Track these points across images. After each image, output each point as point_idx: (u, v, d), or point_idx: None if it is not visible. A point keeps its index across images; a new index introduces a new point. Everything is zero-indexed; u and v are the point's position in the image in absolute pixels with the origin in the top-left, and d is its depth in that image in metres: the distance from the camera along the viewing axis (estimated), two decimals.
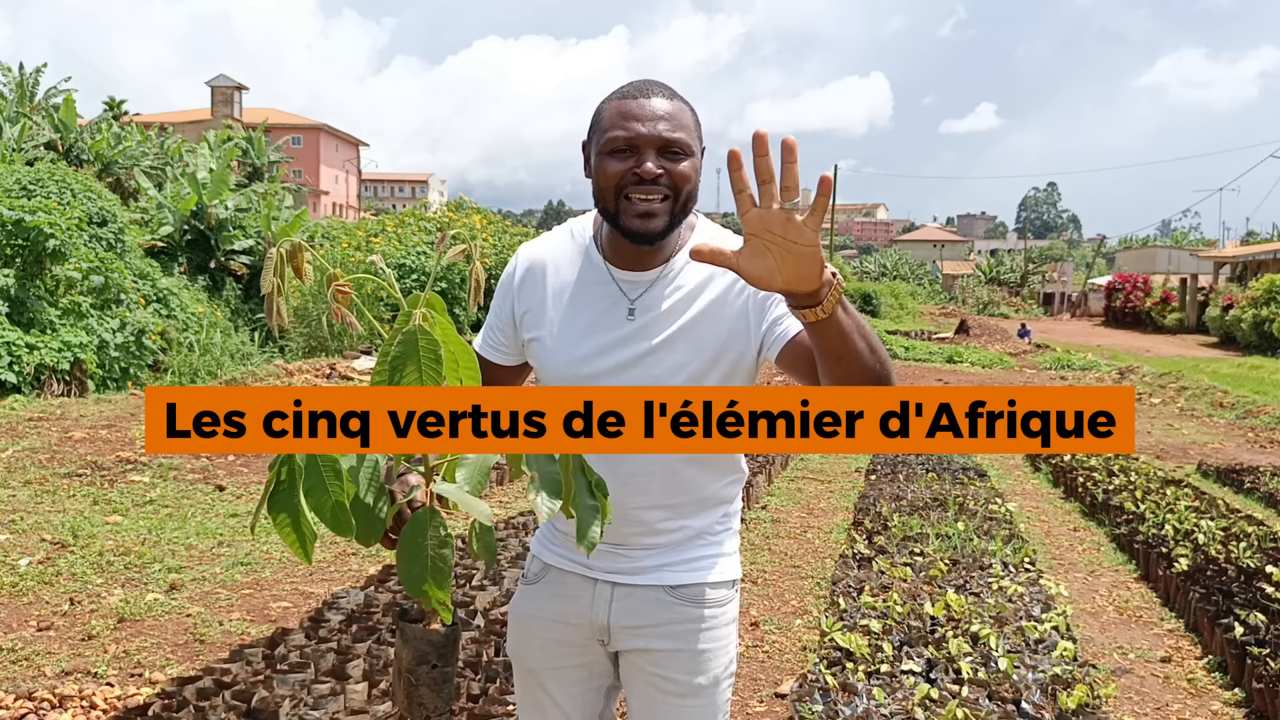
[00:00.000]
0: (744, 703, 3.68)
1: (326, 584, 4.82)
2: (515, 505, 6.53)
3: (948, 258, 79.30)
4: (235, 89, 48.16)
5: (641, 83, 1.60)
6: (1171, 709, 3.73)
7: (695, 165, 1.58)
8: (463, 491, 1.27)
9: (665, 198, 1.55)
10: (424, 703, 1.35)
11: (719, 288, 1.63)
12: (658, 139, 1.54)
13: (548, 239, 1.75)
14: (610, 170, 1.55)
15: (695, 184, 1.58)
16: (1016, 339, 27.81)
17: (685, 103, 1.60)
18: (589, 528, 1.29)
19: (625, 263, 1.65)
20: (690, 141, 1.56)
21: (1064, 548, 6.11)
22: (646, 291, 1.63)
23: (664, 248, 1.63)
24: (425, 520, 1.25)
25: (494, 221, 20.87)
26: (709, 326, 1.62)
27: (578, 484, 1.29)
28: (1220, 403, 13.91)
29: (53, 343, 10.76)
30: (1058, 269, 56.89)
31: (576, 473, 1.29)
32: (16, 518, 5.74)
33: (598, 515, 1.30)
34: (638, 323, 1.63)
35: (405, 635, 1.35)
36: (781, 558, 5.64)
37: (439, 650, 1.34)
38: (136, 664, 3.79)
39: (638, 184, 1.54)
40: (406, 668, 1.35)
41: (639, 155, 1.54)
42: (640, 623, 1.69)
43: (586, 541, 1.28)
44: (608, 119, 1.57)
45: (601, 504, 1.31)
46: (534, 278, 1.70)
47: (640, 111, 1.55)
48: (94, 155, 21.55)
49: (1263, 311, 24.29)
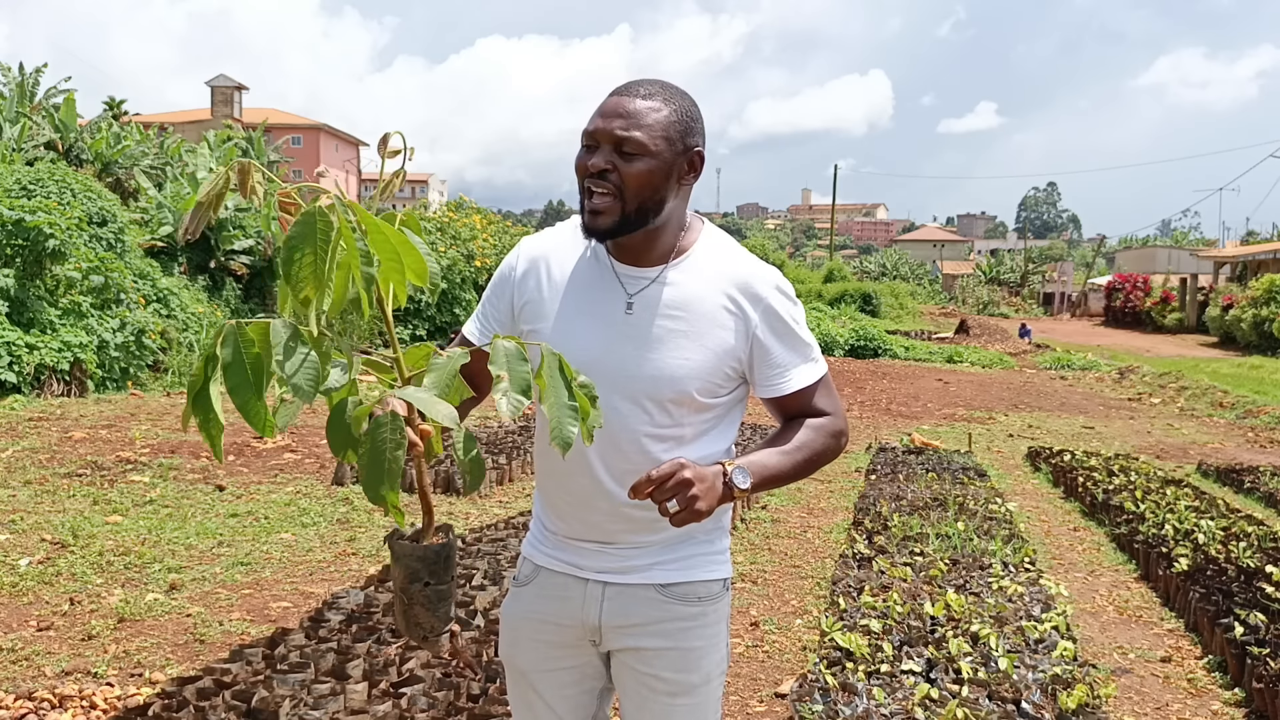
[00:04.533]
0: (744, 703, 3.68)
1: (326, 584, 4.82)
2: (515, 505, 6.53)
3: (948, 258, 79.26)
4: (235, 89, 48.17)
5: (633, 81, 1.63)
6: (1171, 709, 3.73)
7: (650, 167, 1.56)
8: (427, 394, 1.24)
9: (613, 195, 1.57)
10: (420, 622, 1.34)
11: (721, 293, 1.65)
12: (611, 135, 1.56)
13: (551, 232, 1.76)
14: (577, 162, 1.60)
15: (652, 185, 1.57)
16: (1017, 339, 27.81)
17: (670, 104, 1.59)
18: (564, 426, 1.26)
19: (628, 258, 1.66)
20: (646, 141, 1.56)
21: (1064, 548, 6.11)
22: (647, 288, 1.64)
23: (660, 244, 1.64)
24: (384, 423, 1.22)
25: (494, 221, 20.87)
26: (707, 330, 1.63)
27: (555, 382, 1.27)
28: (1220, 403, 13.92)
29: (53, 343, 10.75)
30: (1058, 269, 56.85)
31: (554, 372, 1.27)
32: (16, 518, 5.74)
33: (577, 416, 1.27)
34: (635, 317, 1.63)
35: (396, 553, 1.34)
36: (781, 558, 5.64)
37: (430, 566, 1.33)
38: (136, 664, 3.79)
39: (589, 177, 1.58)
40: (400, 587, 1.34)
41: (599, 150, 1.58)
42: (631, 622, 1.70)
43: (561, 440, 1.26)
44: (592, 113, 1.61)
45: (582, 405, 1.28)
46: (536, 270, 1.71)
47: (607, 108, 1.59)
48: (94, 155, 21.54)
49: (1263, 311, 24.28)
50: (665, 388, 1.62)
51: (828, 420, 1.70)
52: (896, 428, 11.11)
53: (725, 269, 1.66)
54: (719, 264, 1.66)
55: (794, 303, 1.69)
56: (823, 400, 1.71)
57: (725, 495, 1.54)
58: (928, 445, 9.45)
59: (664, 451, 1.64)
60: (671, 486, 1.47)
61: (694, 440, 1.67)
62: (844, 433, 1.73)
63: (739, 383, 1.70)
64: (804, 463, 1.66)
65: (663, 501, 1.48)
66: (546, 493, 1.76)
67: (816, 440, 1.67)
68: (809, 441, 1.67)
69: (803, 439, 1.67)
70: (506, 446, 7.84)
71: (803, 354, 1.69)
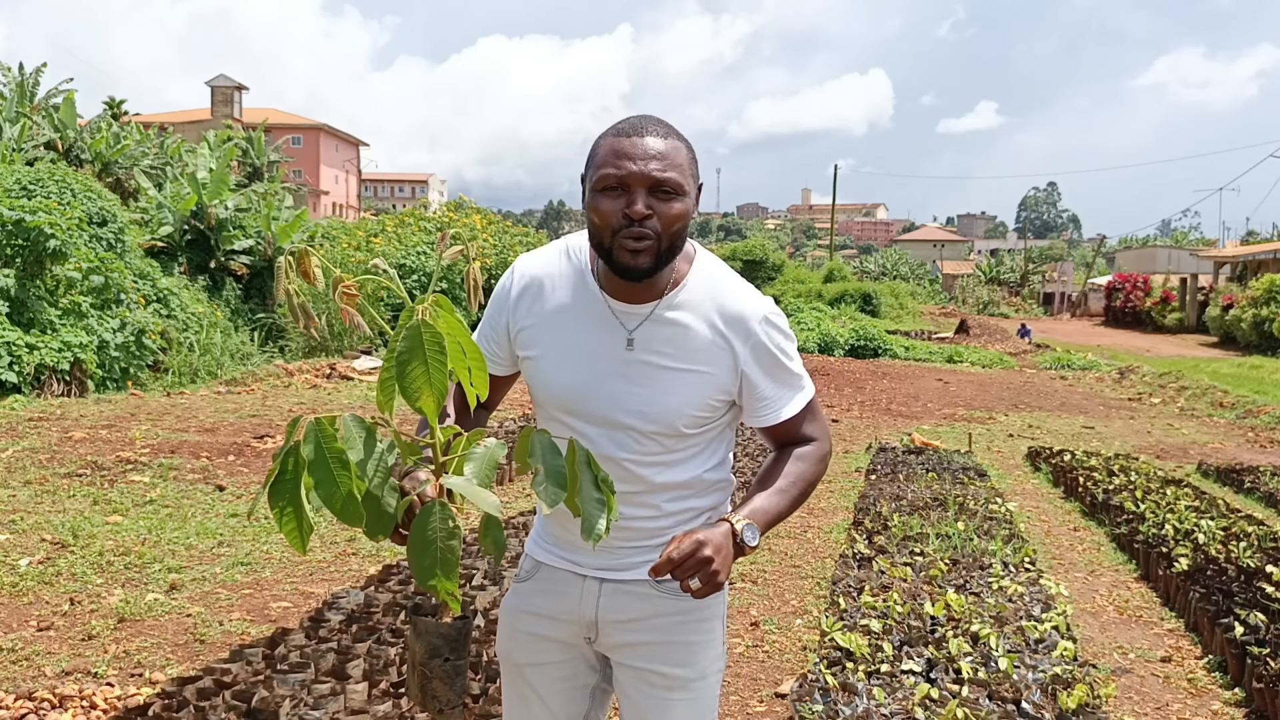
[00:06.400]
0: (744, 703, 3.68)
1: (326, 584, 4.82)
2: (515, 505, 6.53)
3: (948, 258, 79.26)
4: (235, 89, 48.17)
5: (637, 119, 1.61)
6: (1171, 709, 3.73)
7: (686, 205, 1.59)
8: (471, 484, 1.29)
9: (653, 237, 1.56)
10: (437, 695, 1.37)
11: (711, 327, 1.67)
12: (648, 179, 1.55)
13: (545, 256, 1.75)
14: (603, 209, 1.57)
15: (685, 223, 1.60)
16: (1016, 339, 27.79)
17: (681, 140, 1.61)
18: (595, 522, 1.33)
19: (622, 295, 1.66)
20: (682, 181, 1.57)
21: (1064, 547, 6.11)
22: (644, 324, 1.65)
23: (658, 281, 1.65)
24: (434, 512, 1.27)
25: (494, 221, 20.86)
26: (697, 366, 1.66)
27: (583, 478, 1.31)
28: (1220, 402, 13.91)
29: (53, 343, 10.76)
30: (1058, 269, 56.84)
31: (583, 467, 1.31)
32: (16, 518, 5.74)
33: (603, 509, 1.33)
34: (637, 354, 1.65)
35: (418, 629, 1.37)
36: (781, 558, 5.64)
37: (451, 643, 1.36)
38: (136, 664, 3.79)
39: (628, 225, 1.55)
40: (420, 661, 1.37)
41: (630, 194, 1.56)
42: (627, 617, 1.73)
43: (593, 536, 1.33)
44: (602, 156, 1.58)
45: (607, 498, 1.34)
46: (531, 295, 1.72)
47: (633, 150, 1.56)
48: (94, 155, 21.55)
49: (1263, 311, 24.28)
50: (652, 423, 1.65)
51: (813, 448, 1.75)
52: (896, 428, 11.11)
53: (716, 303, 1.67)
54: (710, 297, 1.67)
55: (785, 335, 1.71)
56: (810, 426, 1.75)
57: (737, 554, 1.58)
58: (928, 445, 9.45)
59: (655, 474, 1.68)
60: (692, 566, 1.50)
61: (683, 462, 1.70)
62: (830, 453, 1.80)
63: (728, 409, 1.73)
64: (799, 496, 1.71)
65: (684, 579, 1.51)
66: None
67: (807, 471, 1.72)
68: (801, 474, 1.72)
69: (795, 473, 1.71)
70: None
71: (791, 385, 1.71)
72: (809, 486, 1.72)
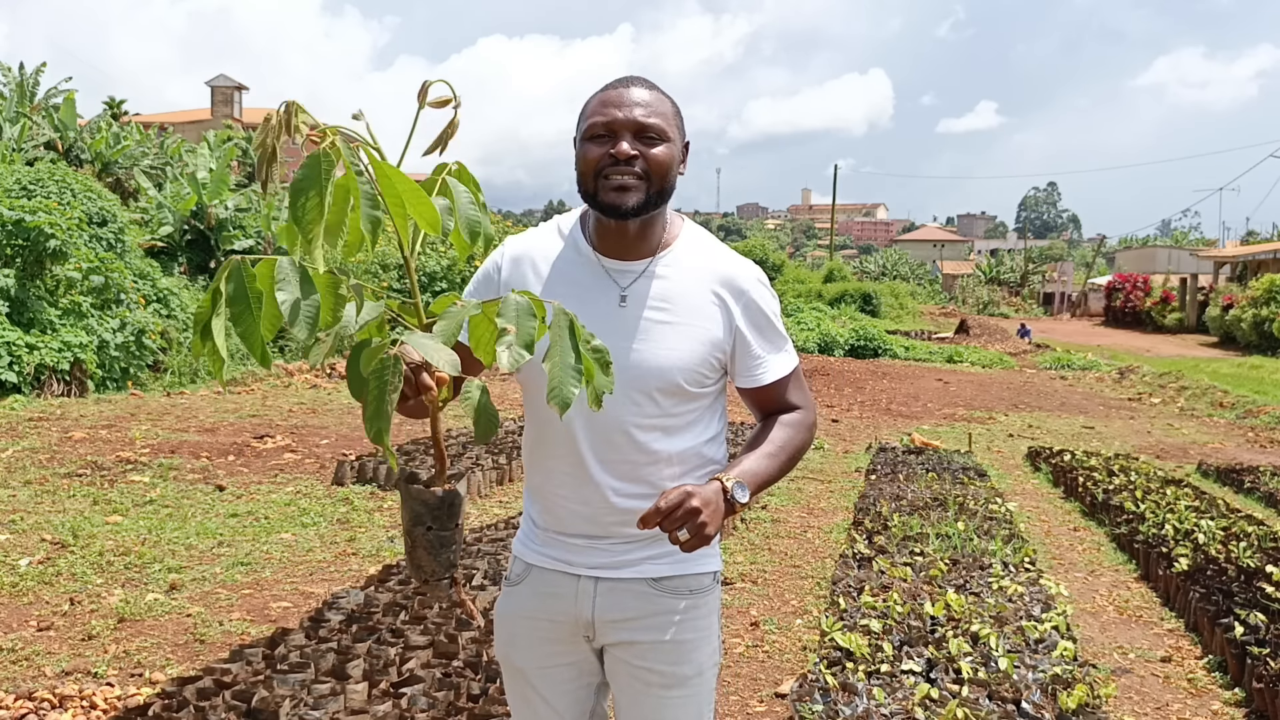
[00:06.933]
0: (744, 703, 3.68)
1: (326, 584, 4.82)
2: (515, 505, 6.52)
3: (948, 258, 79.25)
4: (235, 89, 48.14)
5: (623, 77, 1.69)
6: (1171, 709, 3.73)
7: (671, 152, 1.65)
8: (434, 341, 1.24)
9: (640, 177, 1.62)
10: (421, 565, 1.38)
11: (706, 286, 1.71)
12: (633, 123, 1.62)
13: (533, 232, 1.80)
14: (590, 155, 1.63)
15: (672, 170, 1.66)
16: (1016, 339, 27.78)
17: (665, 95, 1.68)
18: (565, 386, 1.24)
19: (614, 251, 1.70)
20: (666, 128, 1.64)
21: (1064, 547, 6.11)
22: (637, 280, 1.69)
23: (650, 237, 1.69)
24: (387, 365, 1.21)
25: (496, 221, 20.87)
26: (694, 321, 1.69)
27: (560, 341, 1.25)
28: (1220, 402, 13.91)
29: (53, 343, 10.75)
30: (1058, 269, 56.82)
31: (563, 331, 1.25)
32: (16, 518, 5.74)
33: (579, 378, 1.25)
34: (631, 310, 1.68)
35: (404, 495, 1.38)
36: (781, 557, 5.63)
37: (433, 512, 1.36)
38: (136, 664, 3.79)
39: (614, 164, 1.61)
40: (406, 528, 1.38)
41: (615, 138, 1.62)
42: (624, 616, 1.73)
43: (559, 399, 1.24)
44: (590, 109, 1.66)
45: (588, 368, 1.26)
46: (520, 269, 1.74)
47: (619, 99, 1.64)
48: (94, 155, 21.53)
49: (1263, 311, 24.28)
50: (654, 379, 1.66)
51: (800, 414, 1.79)
52: (896, 428, 11.11)
53: (709, 263, 1.73)
54: (702, 258, 1.73)
55: (773, 296, 1.79)
56: (795, 394, 1.80)
57: (728, 511, 1.59)
58: (928, 445, 9.45)
59: (653, 441, 1.68)
60: (680, 516, 1.51)
61: (681, 430, 1.71)
62: (816, 423, 1.83)
63: (722, 374, 1.76)
64: (787, 461, 1.74)
65: (672, 530, 1.52)
66: (537, 487, 1.78)
67: (795, 437, 1.76)
68: (789, 440, 1.75)
69: (783, 438, 1.74)
70: (507, 446, 7.83)
71: (778, 345, 1.77)
72: (797, 453, 1.75)
